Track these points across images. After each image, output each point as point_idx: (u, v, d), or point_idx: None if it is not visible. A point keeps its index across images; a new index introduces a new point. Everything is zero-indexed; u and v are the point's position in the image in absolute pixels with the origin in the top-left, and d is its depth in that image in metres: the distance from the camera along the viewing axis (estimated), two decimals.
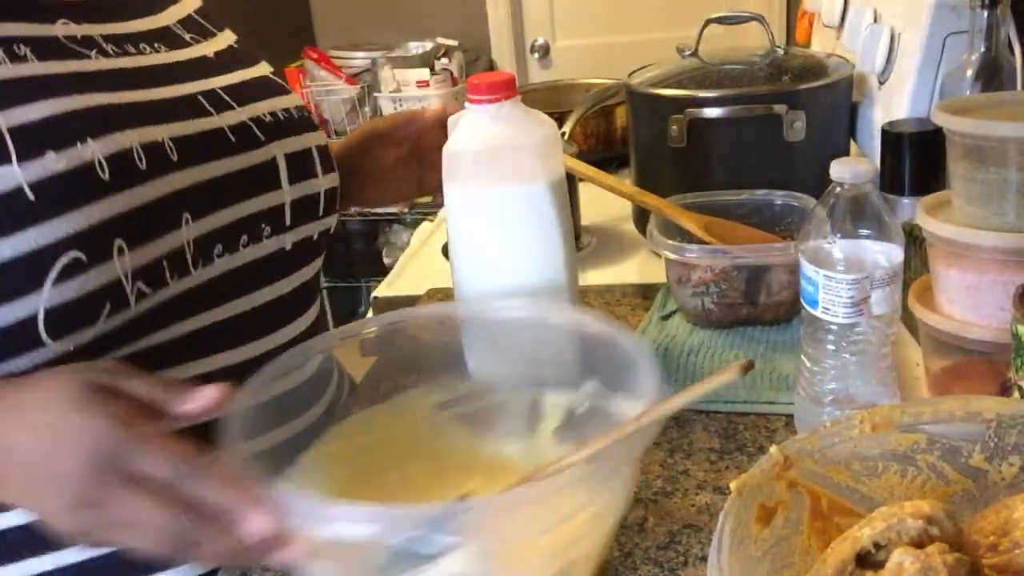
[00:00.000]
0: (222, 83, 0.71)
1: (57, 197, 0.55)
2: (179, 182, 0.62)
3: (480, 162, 0.68)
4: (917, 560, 0.37)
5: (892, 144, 0.91)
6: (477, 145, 0.68)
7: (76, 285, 0.55)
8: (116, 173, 0.58)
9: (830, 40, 1.43)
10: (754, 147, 0.99)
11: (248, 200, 0.68)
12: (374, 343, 0.64)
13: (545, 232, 0.70)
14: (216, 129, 0.67)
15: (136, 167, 0.59)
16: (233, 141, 0.68)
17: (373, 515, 0.44)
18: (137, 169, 0.59)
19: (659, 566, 0.56)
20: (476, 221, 0.71)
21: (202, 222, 0.64)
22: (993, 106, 0.65)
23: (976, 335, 0.63)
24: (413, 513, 0.45)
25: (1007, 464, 0.45)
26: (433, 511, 0.45)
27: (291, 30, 3.00)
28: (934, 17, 1.01)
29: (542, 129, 0.70)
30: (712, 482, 0.64)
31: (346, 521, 0.44)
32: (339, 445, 0.60)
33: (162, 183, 0.61)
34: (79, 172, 0.56)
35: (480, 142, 0.68)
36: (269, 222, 0.70)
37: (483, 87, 0.68)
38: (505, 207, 0.70)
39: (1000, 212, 0.61)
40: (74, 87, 0.59)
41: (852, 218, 0.61)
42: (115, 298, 0.57)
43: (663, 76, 1.07)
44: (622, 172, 1.27)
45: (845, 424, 0.45)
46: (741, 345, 0.81)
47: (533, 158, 0.69)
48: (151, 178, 0.60)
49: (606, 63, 2.00)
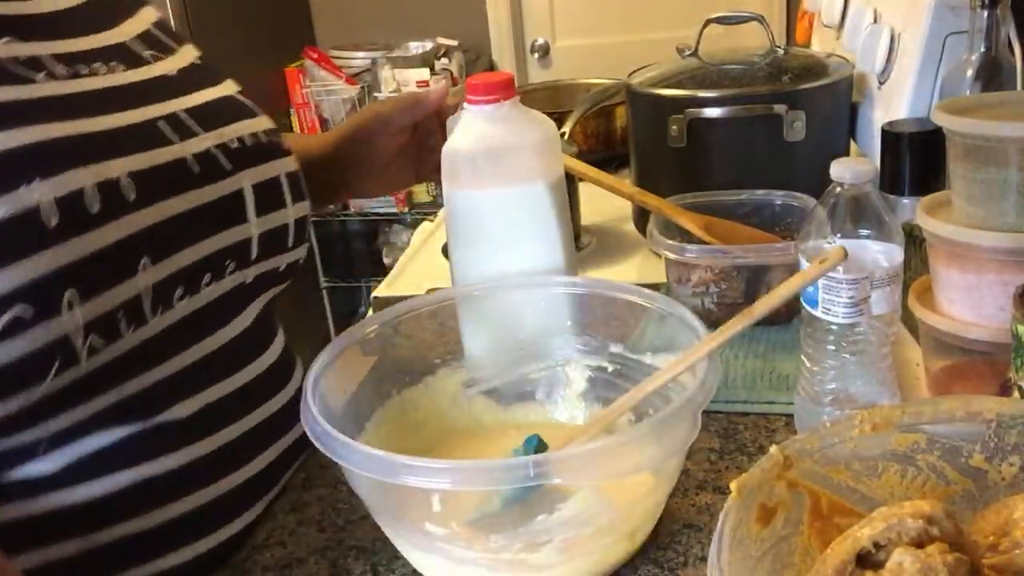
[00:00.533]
0: (184, 105, 0.65)
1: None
2: (137, 223, 0.56)
3: (479, 163, 0.69)
4: (917, 560, 0.37)
5: (892, 144, 0.91)
6: (476, 146, 0.68)
7: (21, 344, 0.50)
8: (66, 218, 0.52)
9: (830, 40, 1.43)
10: (754, 147, 0.99)
11: (212, 237, 0.62)
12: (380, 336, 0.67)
13: (544, 232, 0.71)
14: (178, 160, 0.61)
15: (88, 211, 0.53)
16: (197, 172, 0.62)
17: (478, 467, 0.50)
18: (89, 213, 0.53)
19: (659, 566, 0.56)
20: (475, 222, 0.71)
21: (162, 265, 0.57)
22: (993, 106, 0.65)
23: (976, 335, 0.63)
24: (516, 463, 0.49)
25: (1007, 464, 0.45)
26: (536, 459, 0.48)
27: (291, 30, 3.00)
28: (934, 17, 1.01)
29: (541, 129, 0.70)
30: (712, 482, 0.64)
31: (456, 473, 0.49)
32: (387, 428, 0.65)
33: (118, 226, 0.55)
34: (23, 219, 0.50)
35: (479, 143, 0.68)
36: (235, 257, 0.65)
37: (482, 87, 0.68)
38: (504, 207, 0.70)
39: (1000, 212, 0.61)
40: (19, 118, 0.53)
41: (852, 218, 0.61)
42: (64, 355, 0.52)
43: (663, 76, 1.07)
44: (622, 172, 1.27)
45: (845, 424, 0.45)
46: (741, 345, 0.81)
47: (532, 158, 0.69)
48: (105, 221, 0.54)
49: (606, 63, 2.00)
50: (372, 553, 0.60)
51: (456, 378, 0.70)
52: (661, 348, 0.64)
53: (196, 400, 0.62)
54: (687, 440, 0.51)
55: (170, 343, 0.60)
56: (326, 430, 0.52)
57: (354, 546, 0.61)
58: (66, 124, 0.55)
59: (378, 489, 0.54)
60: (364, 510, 0.63)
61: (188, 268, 0.60)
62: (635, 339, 0.67)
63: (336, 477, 0.68)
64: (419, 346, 0.69)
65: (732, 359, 0.79)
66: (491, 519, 0.54)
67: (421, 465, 0.48)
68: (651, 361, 0.65)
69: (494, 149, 0.69)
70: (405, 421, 0.66)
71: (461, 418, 0.69)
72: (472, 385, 0.70)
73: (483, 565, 0.53)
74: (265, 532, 0.64)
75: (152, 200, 0.57)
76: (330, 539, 0.62)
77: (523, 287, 0.71)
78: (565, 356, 0.70)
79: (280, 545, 0.62)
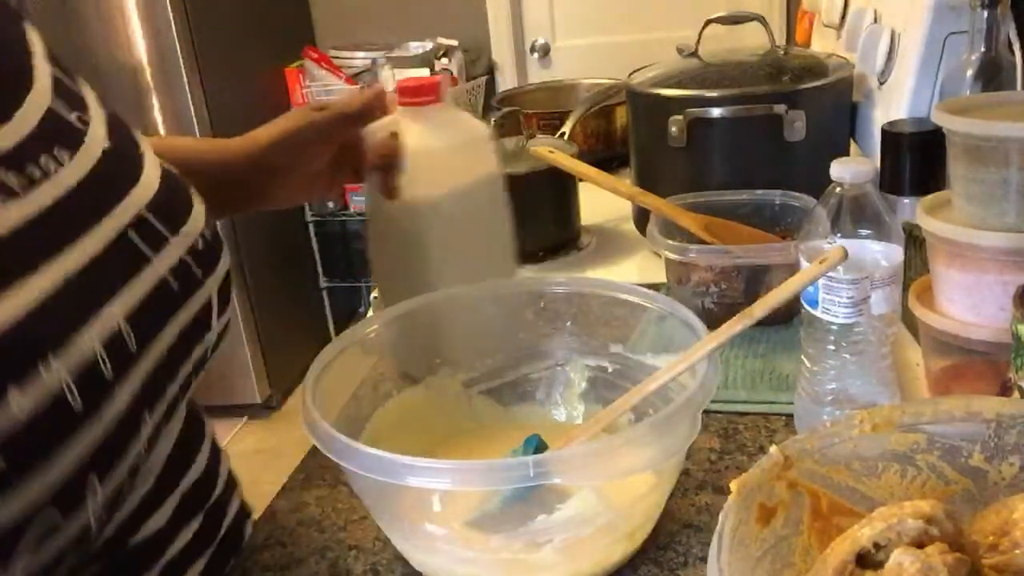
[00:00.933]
0: (142, 199, 0.52)
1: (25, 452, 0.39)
2: (141, 374, 0.46)
3: (411, 165, 0.70)
4: (917, 560, 0.37)
5: (892, 144, 0.91)
6: (408, 148, 0.70)
7: (51, 549, 0.41)
8: (86, 397, 0.42)
9: (830, 40, 1.43)
10: (754, 147, 0.99)
11: (188, 360, 0.53)
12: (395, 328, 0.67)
13: (480, 229, 0.73)
14: (160, 281, 0.50)
15: (104, 379, 0.43)
16: (176, 290, 0.51)
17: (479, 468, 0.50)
18: (106, 381, 0.43)
19: (659, 566, 0.56)
20: (401, 224, 0.72)
21: (156, 412, 0.49)
22: (993, 106, 0.65)
23: (976, 335, 0.63)
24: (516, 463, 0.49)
25: (1007, 464, 0.45)
26: (536, 459, 0.48)
27: (291, 30, 3.00)
28: (934, 17, 1.01)
29: (471, 129, 0.72)
30: (712, 482, 0.64)
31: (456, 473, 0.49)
32: (387, 428, 0.64)
33: (129, 385, 0.45)
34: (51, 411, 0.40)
35: (410, 145, 0.70)
36: (197, 370, 0.56)
37: (410, 90, 0.70)
38: (438, 207, 0.71)
39: (1000, 212, 0.61)
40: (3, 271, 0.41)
41: (852, 218, 0.61)
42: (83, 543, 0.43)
43: (663, 76, 1.07)
44: (622, 172, 1.27)
45: (845, 424, 0.45)
46: (741, 345, 0.81)
47: (463, 158, 0.70)
48: (119, 383, 0.44)
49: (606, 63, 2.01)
50: (372, 553, 0.60)
51: (456, 378, 0.70)
52: (661, 348, 0.64)
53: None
54: (687, 440, 0.52)
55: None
56: (326, 430, 0.52)
57: (354, 546, 0.61)
58: (53, 266, 0.43)
59: (378, 489, 0.54)
60: (364, 510, 0.63)
61: (174, 398, 0.52)
62: (635, 339, 0.67)
63: (336, 477, 0.68)
64: (419, 346, 0.69)
65: (732, 359, 0.79)
66: (491, 519, 0.54)
67: (421, 465, 0.48)
68: (651, 361, 0.65)
69: (425, 151, 0.70)
70: (405, 421, 0.66)
71: (461, 418, 0.69)
72: (472, 385, 0.70)
73: (483, 565, 0.53)
74: (265, 532, 0.64)
75: (147, 341, 0.48)
76: (330, 539, 0.62)
77: (523, 287, 0.71)
78: (565, 356, 0.70)
79: (280, 545, 0.62)
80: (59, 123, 0.49)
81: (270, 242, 2.79)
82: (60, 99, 0.51)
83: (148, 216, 0.52)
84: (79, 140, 0.50)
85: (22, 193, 0.44)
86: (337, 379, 0.60)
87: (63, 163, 0.47)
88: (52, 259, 0.44)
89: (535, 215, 1.09)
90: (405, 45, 2.90)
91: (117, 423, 0.44)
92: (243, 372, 2.69)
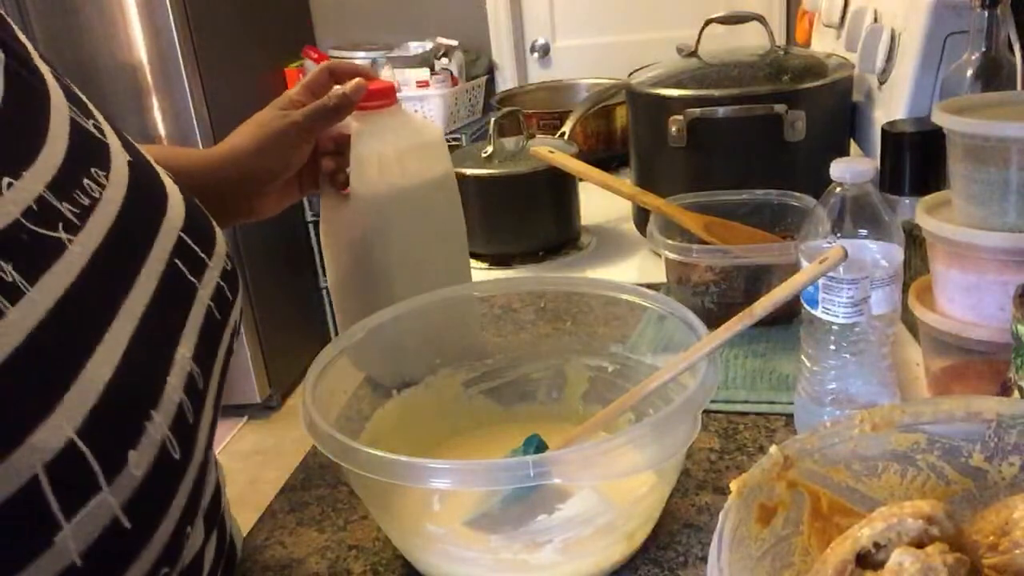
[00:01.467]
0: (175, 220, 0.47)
1: (146, 508, 0.37)
2: (208, 412, 0.44)
3: (361, 167, 0.71)
4: (917, 560, 0.37)
5: (892, 144, 0.91)
6: (361, 151, 0.70)
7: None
8: (182, 443, 0.40)
9: (830, 40, 1.43)
10: (754, 147, 0.99)
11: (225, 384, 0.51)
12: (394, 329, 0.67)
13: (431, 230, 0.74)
14: (207, 311, 0.47)
15: (189, 423, 0.41)
16: (219, 319, 0.48)
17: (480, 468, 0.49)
18: (189, 425, 0.41)
19: (659, 566, 0.56)
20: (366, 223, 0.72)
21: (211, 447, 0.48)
22: (993, 106, 0.65)
23: (976, 335, 0.63)
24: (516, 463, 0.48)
25: (1007, 464, 0.45)
26: (536, 459, 0.48)
27: (291, 30, 3.00)
28: (934, 17, 1.01)
29: (424, 133, 0.73)
30: (712, 482, 0.64)
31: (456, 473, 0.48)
32: (387, 428, 0.65)
33: (205, 424, 0.43)
34: (156, 463, 0.38)
35: (363, 147, 0.70)
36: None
37: (366, 94, 0.70)
38: (388, 207, 0.72)
39: (1000, 212, 0.61)
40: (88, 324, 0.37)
41: (852, 218, 0.61)
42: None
43: (663, 76, 1.07)
44: (622, 172, 1.27)
45: (845, 424, 0.45)
46: (741, 345, 0.81)
47: (416, 160, 0.72)
48: (199, 426, 0.42)
49: (606, 63, 2.01)
50: (372, 553, 0.60)
51: (456, 378, 0.70)
52: (661, 348, 0.64)
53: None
54: (687, 440, 0.52)
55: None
56: (326, 430, 0.52)
57: (354, 546, 0.61)
58: (126, 305, 0.39)
59: (378, 489, 0.54)
60: (364, 510, 0.63)
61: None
62: (635, 339, 0.67)
63: (336, 477, 0.68)
64: (419, 346, 0.69)
65: (732, 359, 0.79)
66: (491, 519, 0.54)
67: (421, 465, 0.48)
68: (651, 361, 0.65)
69: (377, 154, 0.71)
70: (405, 421, 0.66)
71: (461, 418, 0.69)
72: (472, 385, 0.70)
73: (483, 565, 0.53)
74: (265, 532, 0.64)
75: (209, 378, 0.45)
76: (330, 539, 0.62)
77: (524, 287, 0.71)
78: (565, 356, 0.70)
79: (280, 545, 0.62)
80: (83, 136, 0.44)
81: (270, 242, 2.79)
82: (74, 106, 0.46)
83: (186, 239, 0.48)
84: (106, 154, 0.45)
85: (81, 224, 0.39)
86: (337, 379, 0.60)
87: (103, 184, 0.42)
88: (123, 298, 0.40)
89: (535, 215, 1.09)
90: (405, 45, 2.90)
91: (198, 466, 0.42)
92: (243, 372, 2.69)
